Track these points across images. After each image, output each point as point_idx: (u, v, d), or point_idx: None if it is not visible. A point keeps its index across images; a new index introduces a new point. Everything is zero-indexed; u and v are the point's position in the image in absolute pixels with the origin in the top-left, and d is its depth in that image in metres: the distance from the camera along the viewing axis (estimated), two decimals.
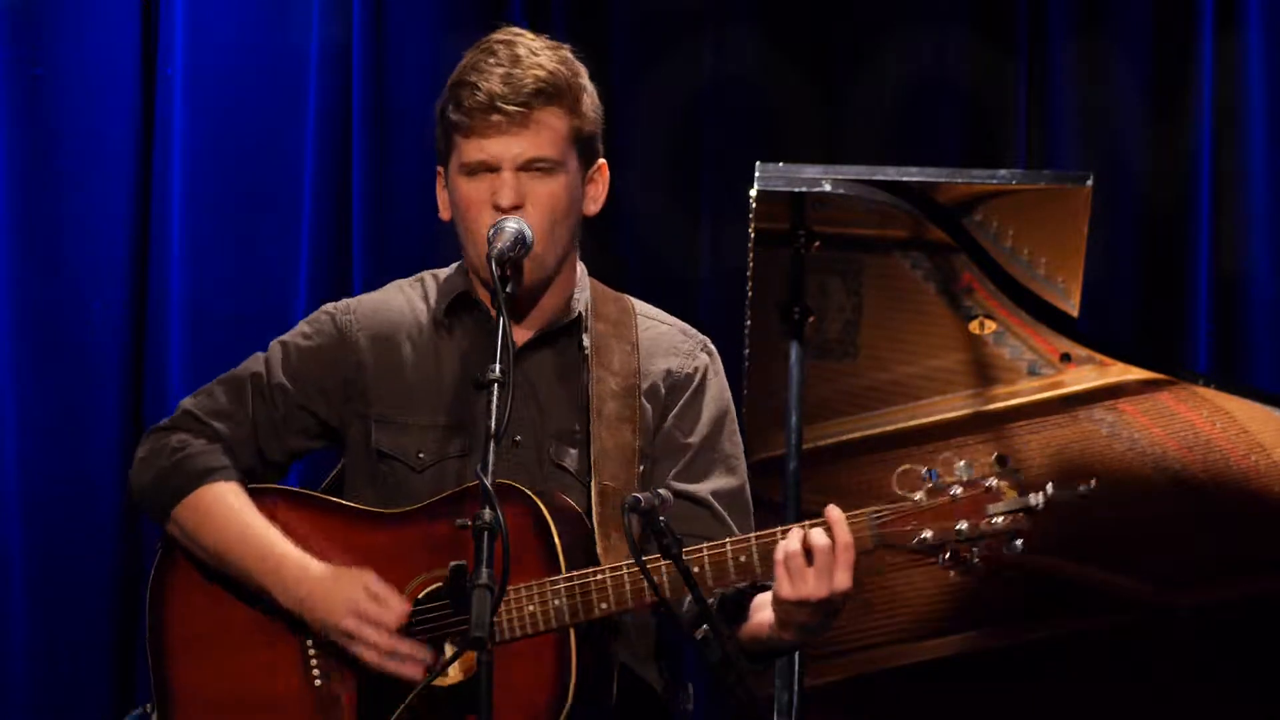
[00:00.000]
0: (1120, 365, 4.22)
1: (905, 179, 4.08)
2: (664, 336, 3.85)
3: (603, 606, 3.54)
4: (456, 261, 3.87)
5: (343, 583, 3.63)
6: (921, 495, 3.50)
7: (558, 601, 3.54)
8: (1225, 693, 4.44)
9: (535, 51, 3.70)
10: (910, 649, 4.45)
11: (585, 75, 3.75)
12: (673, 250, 5.66)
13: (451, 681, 3.57)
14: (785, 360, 4.15)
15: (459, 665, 3.57)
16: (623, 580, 3.53)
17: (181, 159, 5.64)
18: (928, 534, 3.48)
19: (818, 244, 4.15)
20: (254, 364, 3.82)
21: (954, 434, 4.31)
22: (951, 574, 3.51)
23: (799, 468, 4.11)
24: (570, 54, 3.75)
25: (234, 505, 3.73)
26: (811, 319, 4.19)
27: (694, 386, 3.81)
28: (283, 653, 3.69)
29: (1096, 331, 4.31)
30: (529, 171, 3.67)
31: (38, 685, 5.57)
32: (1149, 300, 5.63)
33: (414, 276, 3.91)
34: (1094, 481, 3.49)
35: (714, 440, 3.81)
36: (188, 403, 3.83)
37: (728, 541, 3.54)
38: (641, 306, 3.89)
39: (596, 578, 3.54)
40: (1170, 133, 5.60)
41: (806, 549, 3.47)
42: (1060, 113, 5.65)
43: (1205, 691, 4.43)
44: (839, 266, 4.22)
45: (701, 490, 3.77)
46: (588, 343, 3.79)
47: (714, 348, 3.88)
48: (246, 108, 5.67)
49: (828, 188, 4.05)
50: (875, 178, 4.08)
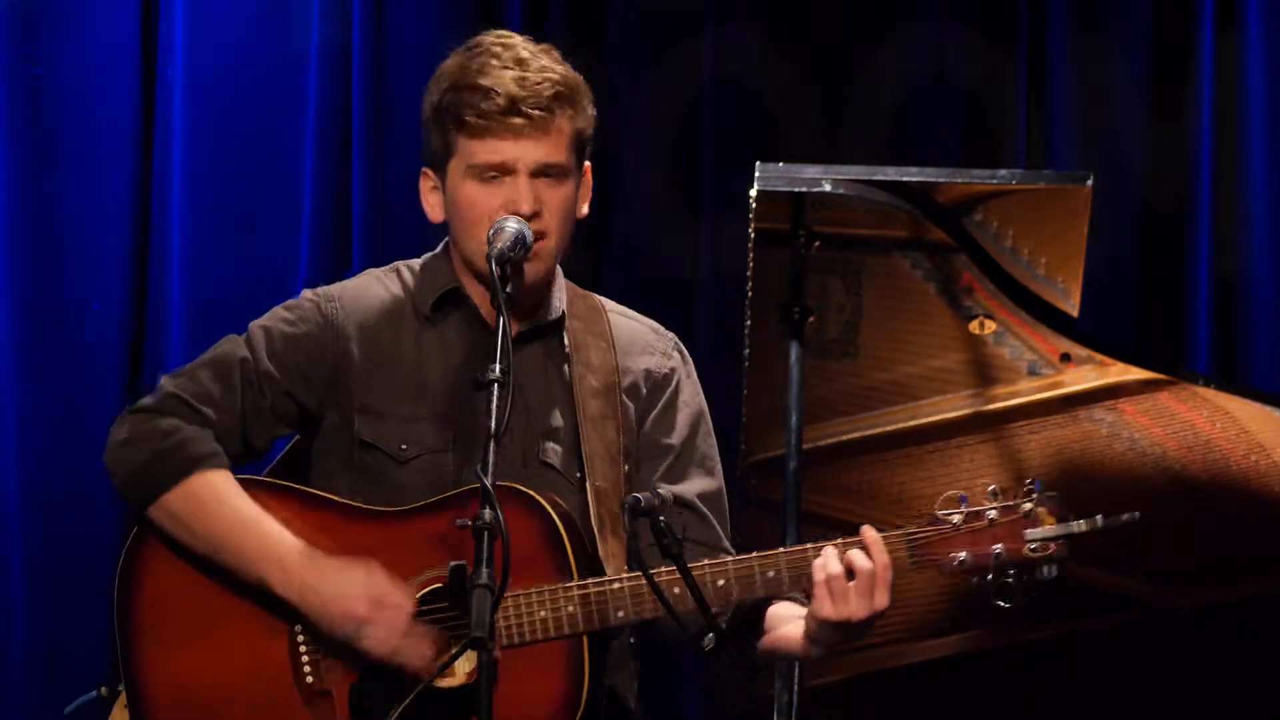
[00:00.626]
0: (1120, 365, 4.22)
1: (905, 179, 4.08)
2: (637, 334, 3.85)
3: (619, 615, 3.53)
4: (428, 253, 3.85)
5: (350, 572, 3.59)
6: (959, 518, 3.49)
7: (571, 608, 3.52)
8: (1225, 693, 4.44)
9: (536, 55, 3.69)
10: (910, 649, 4.45)
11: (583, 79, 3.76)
12: (673, 250, 5.66)
13: (456, 683, 3.56)
14: (785, 360, 4.15)
15: (463, 667, 3.56)
16: (642, 589, 3.52)
17: (181, 159, 5.64)
18: (964, 556, 3.48)
19: (818, 244, 4.14)
20: (237, 348, 3.77)
21: (954, 434, 4.31)
22: (998, 603, 3.50)
23: (799, 468, 4.11)
24: (559, 55, 3.75)
25: (229, 492, 3.68)
26: (811, 319, 4.18)
27: (671, 388, 3.82)
28: (268, 645, 3.65)
29: (1096, 331, 4.31)
30: (542, 177, 3.66)
31: (38, 685, 5.57)
32: (1149, 300, 5.63)
33: (387, 267, 3.87)
34: (1138, 514, 3.49)
35: (692, 442, 3.82)
36: (170, 384, 3.76)
37: (754, 557, 3.53)
38: (608, 304, 3.89)
39: (614, 586, 3.53)
40: (1170, 133, 5.60)
41: (848, 569, 3.47)
42: (1060, 113, 5.65)
43: (1205, 691, 4.43)
44: (839, 266, 4.22)
45: (687, 493, 3.77)
46: (568, 340, 3.79)
47: (683, 346, 3.89)
48: (246, 108, 5.68)
49: (828, 188, 4.05)
50: (875, 178, 4.08)
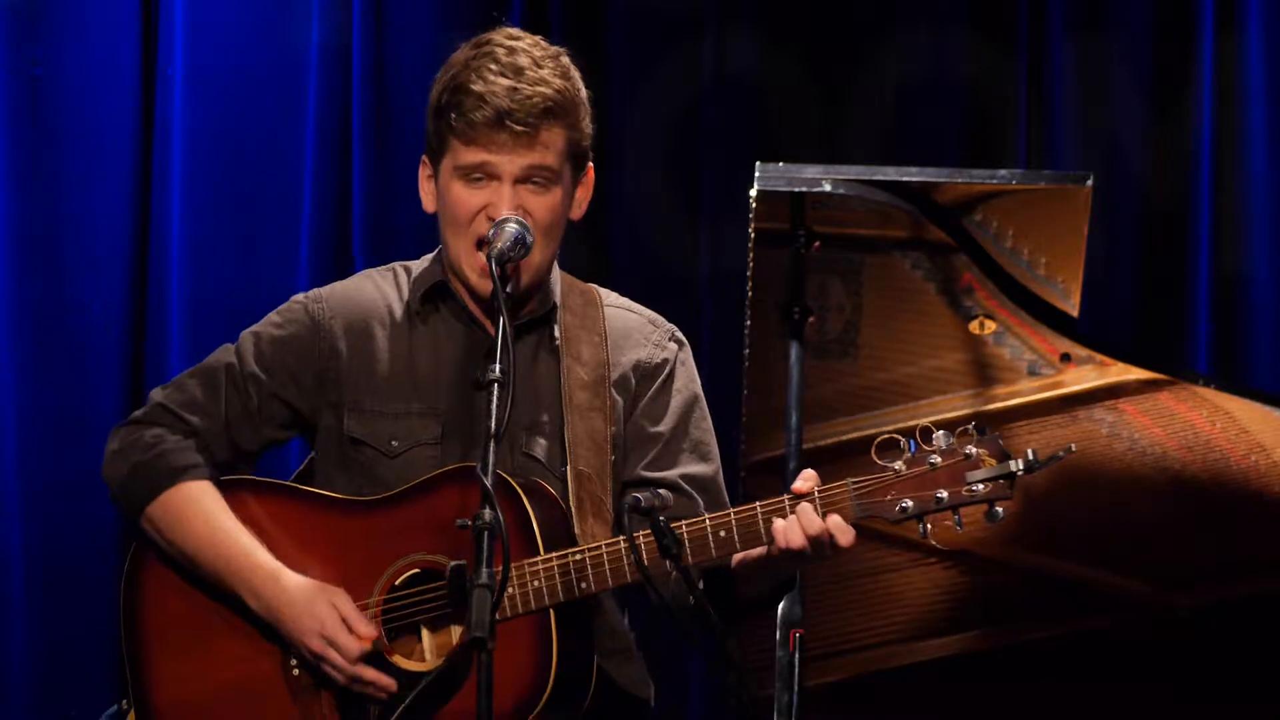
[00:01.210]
0: (1120, 365, 4.22)
1: (905, 179, 4.08)
2: (632, 326, 3.86)
3: (583, 586, 3.56)
4: (429, 253, 3.87)
5: (312, 602, 3.63)
6: (900, 465, 3.51)
7: (536, 583, 3.55)
8: (1225, 693, 4.43)
9: (539, 63, 3.68)
10: (910, 649, 4.45)
11: (581, 81, 3.75)
12: (673, 250, 5.66)
13: (428, 667, 3.57)
14: (785, 360, 4.15)
15: (434, 649, 3.58)
16: (602, 559, 3.55)
17: (181, 159, 5.64)
18: (908, 503, 3.50)
19: (818, 244, 4.14)
20: (226, 355, 3.82)
21: None
22: (934, 543, 3.51)
23: (799, 468, 4.10)
24: (567, 59, 3.74)
25: (206, 506, 3.73)
26: (811, 319, 4.18)
27: (663, 376, 3.83)
28: (260, 644, 3.69)
29: (1096, 331, 4.31)
30: (526, 184, 3.67)
31: (38, 685, 5.57)
32: (1149, 300, 5.63)
33: (385, 267, 3.91)
34: (1074, 446, 3.51)
35: (683, 428, 3.83)
36: (159, 395, 3.82)
37: (707, 517, 3.56)
38: (608, 296, 3.90)
39: (575, 558, 3.55)
40: (1170, 133, 5.60)
41: (806, 534, 3.51)
42: (1060, 113, 5.65)
43: (1205, 691, 4.43)
44: (839, 266, 4.22)
45: (671, 475, 3.78)
46: (558, 334, 3.79)
47: (683, 336, 3.90)
48: (246, 108, 5.68)
49: (828, 188, 4.05)
50: (875, 178, 4.07)
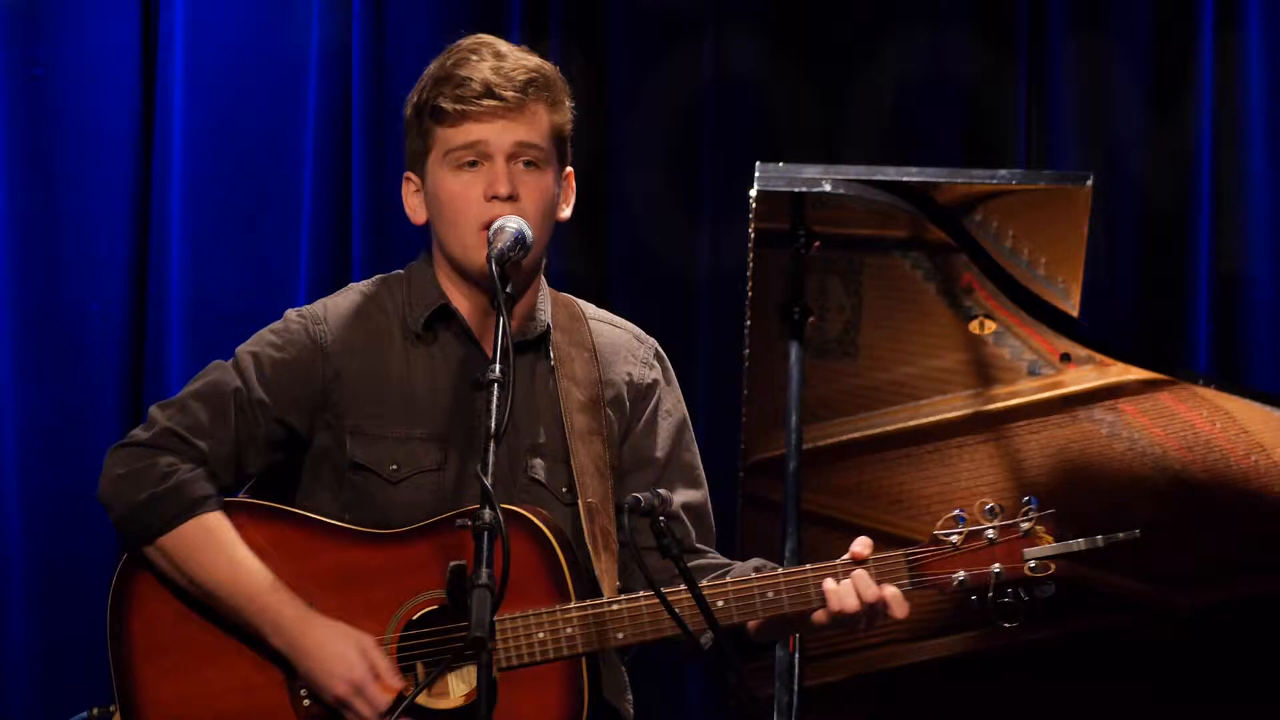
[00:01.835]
0: (1120, 365, 4.22)
1: (905, 179, 4.08)
2: (619, 342, 3.84)
3: (619, 637, 3.53)
4: (410, 262, 3.84)
5: (340, 646, 3.57)
6: (957, 538, 3.49)
7: (570, 630, 3.51)
8: (1225, 693, 4.43)
9: (514, 50, 3.71)
10: (910, 649, 4.45)
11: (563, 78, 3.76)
12: (673, 250, 5.66)
13: (454, 705, 3.55)
14: (785, 360, 4.15)
15: (458, 689, 3.55)
16: (640, 611, 3.52)
17: (181, 159, 5.64)
18: (963, 576, 3.48)
19: (818, 244, 4.14)
20: (228, 377, 3.73)
21: (954, 434, 4.31)
22: (1000, 624, 3.50)
23: (799, 468, 4.11)
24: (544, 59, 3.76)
25: (224, 540, 3.65)
26: (811, 319, 4.18)
27: (655, 399, 3.82)
28: (268, 674, 3.64)
29: (1096, 331, 4.30)
30: (519, 162, 3.66)
31: (38, 685, 5.57)
32: (1149, 300, 5.63)
33: (368, 281, 3.84)
34: (1138, 531, 3.50)
35: (676, 454, 3.81)
36: (163, 418, 3.71)
37: (754, 578, 3.53)
38: (589, 308, 3.87)
39: (613, 607, 3.52)
40: (1170, 133, 5.60)
41: (861, 601, 3.51)
42: (1060, 113, 5.65)
43: (1205, 691, 4.43)
44: (839, 266, 4.22)
45: (673, 505, 3.76)
46: (553, 353, 3.77)
47: (663, 351, 3.88)
48: (246, 108, 5.68)
49: (828, 188, 4.05)
50: (875, 178, 4.07)
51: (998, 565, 3.47)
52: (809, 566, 3.53)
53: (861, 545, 3.54)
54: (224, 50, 5.66)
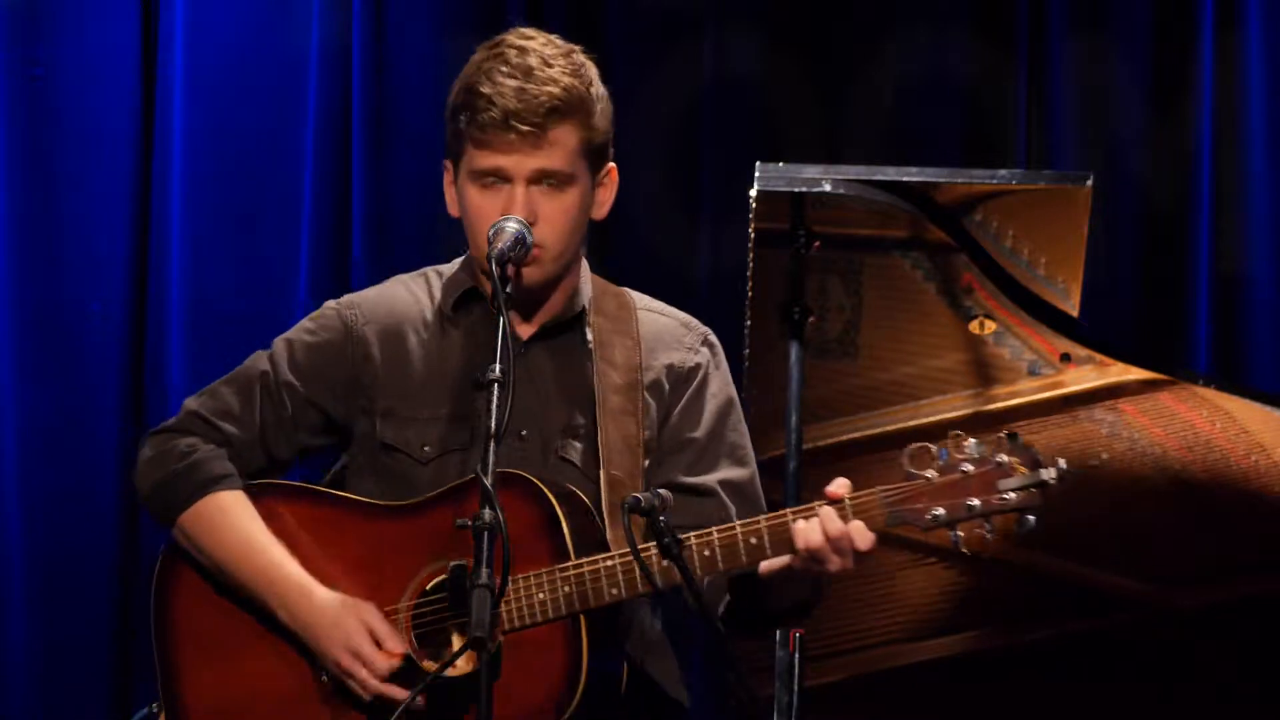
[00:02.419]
0: (1120, 365, 4.23)
1: (905, 179, 4.08)
2: (665, 330, 3.85)
3: (613, 592, 3.54)
4: (459, 257, 3.87)
5: (342, 616, 3.62)
6: (933, 473, 3.49)
7: (567, 589, 3.54)
8: (1225, 693, 4.44)
9: (549, 62, 3.67)
10: (910, 649, 4.45)
11: (597, 80, 3.73)
12: (673, 250, 5.66)
13: (462, 672, 3.57)
14: (785, 360, 4.15)
15: (469, 656, 3.57)
16: (632, 566, 3.54)
17: (181, 159, 5.64)
18: (940, 511, 3.48)
19: (818, 244, 4.15)
20: (260, 363, 3.81)
21: None
22: (964, 550, 3.49)
23: (799, 468, 4.11)
24: (582, 57, 3.73)
25: (238, 516, 3.72)
26: (811, 319, 4.19)
27: (697, 381, 3.81)
28: (291, 654, 3.68)
29: (1096, 331, 4.31)
30: (540, 185, 3.67)
31: (38, 685, 5.57)
32: (1149, 300, 5.63)
33: (417, 272, 3.91)
34: (1105, 455, 3.49)
35: (719, 433, 3.81)
36: (193, 403, 3.81)
37: (737, 524, 3.55)
38: (641, 299, 3.89)
39: (606, 564, 3.54)
40: (1170, 133, 5.60)
41: (826, 536, 3.50)
42: (1060, 113, 5.65)
43: (1205, 691, 4.43)
44: (839, 266, 4.22)
45: (709, 481, 3.77)
46: (590, 337, 3.79)
47: (715, 339, 3.87)
48: (246, 108, 5.68)
49: (828, 188, 4.05)
50: (875, 178, 4.08)
51: (974, 498, 3.47)
52: (789, 510, 3.54)
53: (838, 485, 3.55)
54: (224, 50, 5.66)
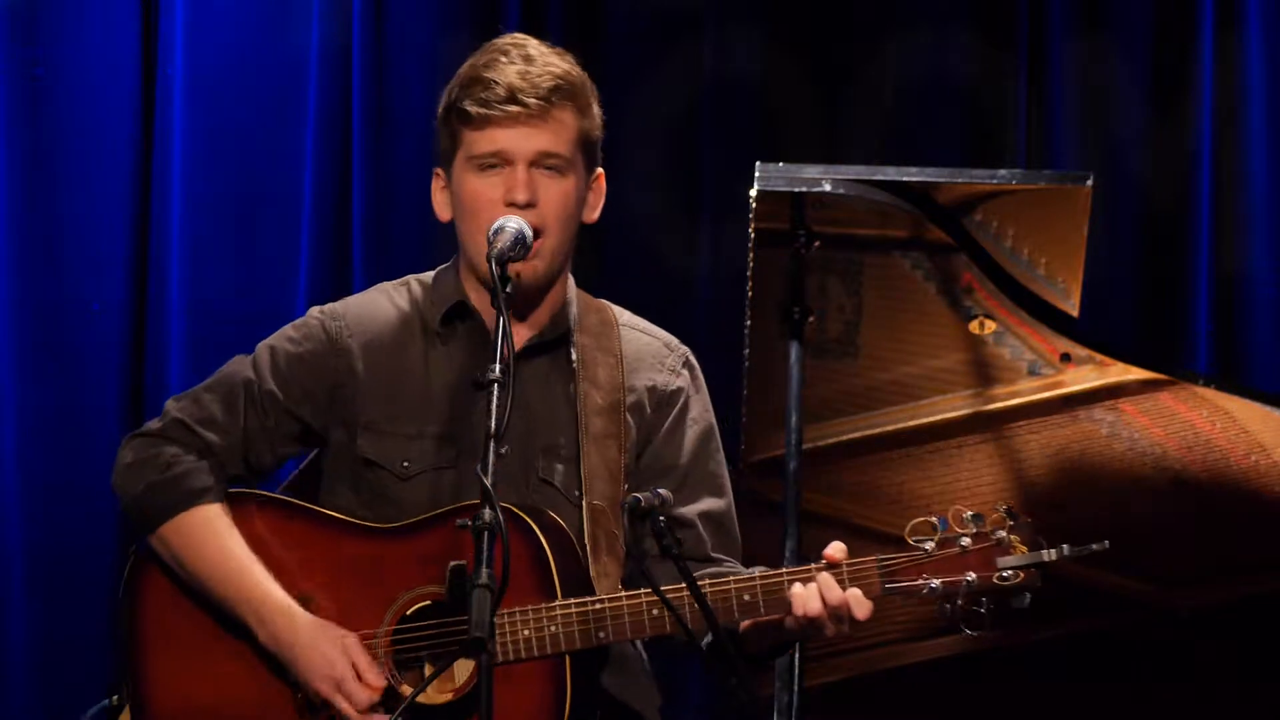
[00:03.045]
0: (1120, 365, 4.22)
1: (905, 179, 4.08)
2: (647, 349, 3.83)
3: (600, 636, 3.53)
4: (442, 264, 3.85)
5: (324, 644, 3.60)
6: (931, 545, 3.49)
7: (554, 628, 3.52)
8: (1225, 693, 4.44)
9: (545, 53, 3.70)
10: (910, 649, 4.45)
11: (590, 80, 3.76)
12: (673, 250, 5.66)
13: (443, 700, 3.56)
14: (785, 360, 4.15)
15: (450, 684, 3.56)
16: (622, 610, 3.52)
17: (181, 159, 5.64)
18: (936, 584, 3.47)
19: (818, 244, 4.14)
20: (243, 369, 3.78)
21: (954, 434, 4.31)
22: (963, 627, 3.50)
23: (799, 468, 4.11)
24: (573, 59, 3.75)
25: (219, 531, 3.69)
26: (811, 319, 4.18)
27: (679, 406, 3.80)
28: (264, 660, 3.66)
29: (1096, 331, 4.31)
30: (541, 169, 3.66)
31: (37, 684, 5.57)
32: (1149, 300, 5.63)
33: (398, 281, 3.87)
34: (1107, 543, 3.49)
35: (700, 462, 3.80)
36: (175, 408, 3.77)
37: (730, 579, 3.53)
38: (622, 315, 3.87)
39: (595, 606, 3.53)
40: (1170, 133, 5.60)
41: (825, 604, 3.49)
42: (1060, 113, 5.65)
43: (1205, 691, 4.43)
44: (839, 266, 4.22)
45: (689, 513, 3.76)
46: (575, 356, 3.77)
47: (695, 360, 3.86)
48: (246, 108, 5.68)
49: (828, 188, 4.05)
50: (875, 178, 4.08)
51: (971, 574, 3.47)
52: (784, 570, 3.53)
53: (835, 550, 3.53)
54: (224, 50, 5.66)
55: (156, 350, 5.63)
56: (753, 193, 4.05)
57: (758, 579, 3.52)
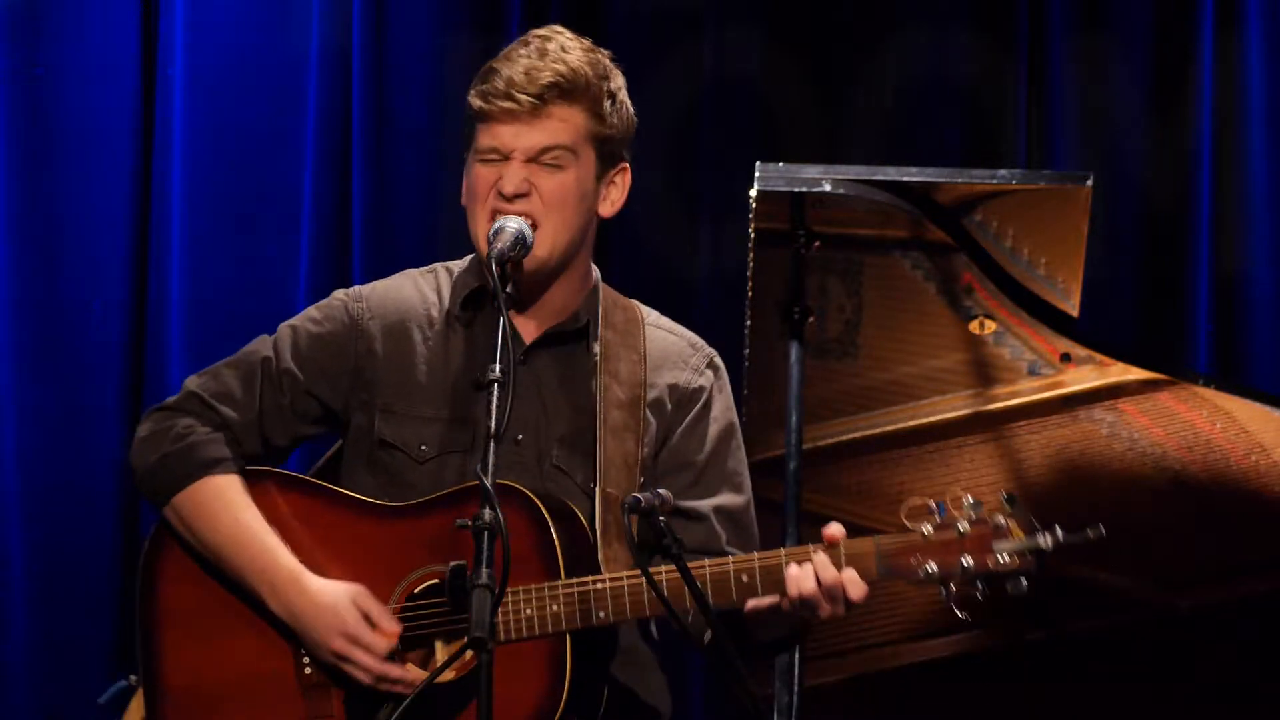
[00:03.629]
0: (1120, 365, 4.22)
1: (905, 179, 4.08)
2: (672, 348, 3.84)
3: (600, 615, 3.54)
4: (470, 254, 3.87)
5: (334, 601, 3.62)
6: (929, 528, 3.49)
7: (555, 607, 3.53)
8: (1225, 693, 4.44)
9: (566, 49, 3.72)
10: (910, 649, 4.45)
11: (617, 80, 3.77)
12: (673, 250, 5.66)
13: (444, 679, 3.57)
14: (785, 360, 4.15)
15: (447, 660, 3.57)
16: (622, 590, 3.53)
17: (181, 159, 5.64)
18: (932, 567, 3.48)
19: (818, 244, 4.14)
20: (263, 347, 3.80)
21: (954, 434, 4.31)
22: (956, 609, 3.51)
23: (799, 468, 4.11)
24: (606, 59, 3.76)
25: (232, 502, 3.71)
26: (811, 319, 4.18)
27: (700, 404, 3.81)
28: (275, 640, 3.68)
29: (1096, 331, 4.31)
30: (538, 163, 3.67)
31: (38, 684, 5.57)
32: (1149, 300, 5.63)
33: (427, 267, 3.90)
34: (1103, 528, 3.50)
35: (720, 458, 3.81)
36: (194, 383, 3.80)
37: (729, 560, 3.54)
38: (650, 315, 3.88)
39: (596, 586, 3.54)
40: (1170, 133, 5.60)
41: (819, 583, 3.49)
42: (1060, 113, 5.64)
43: (1205, 691, 4.43)
44: (839, 266, 4.22)
45: (704, 506, 3.76)
46: (597, 349, 3.78)
47: (720, 361, 3.88)
48: (246, 108, 5.68)
49: (828, 188, 4.05)
50: (875, 178, 4.07)
51: (967, 557, 3.48)
52: (783, 550, 3.54)
53: (834, 529, 3.55)
54: (224, 50, 5.66)
55: (156, 350, 5.64)
56: (753, 193, 4.04)
57: (756, 559, 3.54)
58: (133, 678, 3.80)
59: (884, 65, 5.65)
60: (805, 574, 3.51)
